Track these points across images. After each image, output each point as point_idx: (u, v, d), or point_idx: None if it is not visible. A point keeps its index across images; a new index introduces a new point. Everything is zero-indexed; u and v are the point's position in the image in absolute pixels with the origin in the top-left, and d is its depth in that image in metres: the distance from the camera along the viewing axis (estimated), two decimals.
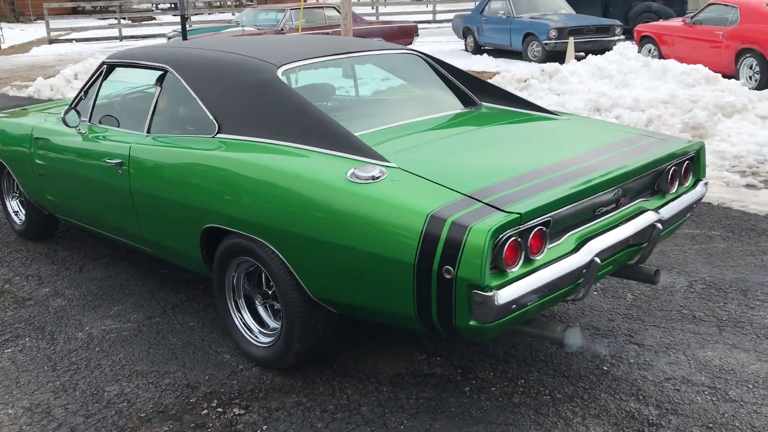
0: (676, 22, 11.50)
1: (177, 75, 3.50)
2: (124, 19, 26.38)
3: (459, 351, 3.25)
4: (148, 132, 3.62)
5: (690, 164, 3.25)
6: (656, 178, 3.08)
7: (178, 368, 3.21)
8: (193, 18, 26.33)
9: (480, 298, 2.29)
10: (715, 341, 3.28)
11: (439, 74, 3.85)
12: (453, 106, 3.69)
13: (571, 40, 11.22)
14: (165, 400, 2.97)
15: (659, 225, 2.91)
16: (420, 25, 16.81)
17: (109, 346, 3.44)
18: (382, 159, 2.76)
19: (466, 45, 16.01)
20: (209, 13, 31.78)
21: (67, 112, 3.96)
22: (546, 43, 13.01)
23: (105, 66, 4.06)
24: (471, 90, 3.82)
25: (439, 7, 28.93)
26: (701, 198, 3.32)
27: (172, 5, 37.80)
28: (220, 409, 2.88)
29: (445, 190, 2.52)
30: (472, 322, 2.37)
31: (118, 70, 4.08)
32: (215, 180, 3.07)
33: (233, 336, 3.28)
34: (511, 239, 2.34)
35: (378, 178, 2.63)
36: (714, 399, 2.83)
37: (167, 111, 3.68)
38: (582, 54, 11.61)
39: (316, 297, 2.84)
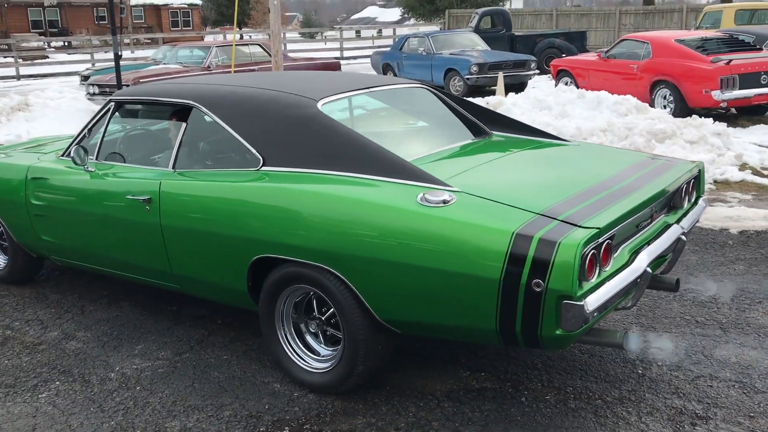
0: (591, 56, 12.33)
1: (207, 111, 3.54)
2: (15, 58, 25.18)
3: (500, 365, 3.43)
4: (174, 167, 3.62)
5: (695, 182, 3.60)
6: (673, 195, 3.40)
7: (233, 400, 3.22)
8: (97, 56, 25.58)
9: (571, 308, 2.48)
10: (725, 341, 3.61)
11: (449, 106, 4.08)
12: (470, 134, 3.91)
13: (500, 75, 11.81)
14: (232, 431, 2.98)
15: (683, 237, 3.22)
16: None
17: (150, 384, 3.40)
18: (443, 184, 2.93)
19: None
20: (105, 51, 30.93)
21: (72, 150, 3.91)
22: (468, 78, 13.58)
23: (113, 103, 4.04)
24: (480, 119, 4.07)
25: (331, 45, 29.63)
26: (703, 211, 3.68)
27: (66, 43, 36.65)
28: None
29: (518, 211, 2.71)
30: (558, 332, 2.55)
31: (125, 107, 4.07)
32: (269, 210, 3.12)
33: (284, 365, 3.32)
34: (591, 252, 2.56)
35: (448, 201, 2.80)
36: (746, 392, 3.13)
37: (196, 146, 3.71)
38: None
39: (382, 318, 2.95)
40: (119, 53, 9.79)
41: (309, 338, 3.32)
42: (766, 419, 2.92)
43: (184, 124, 3.68)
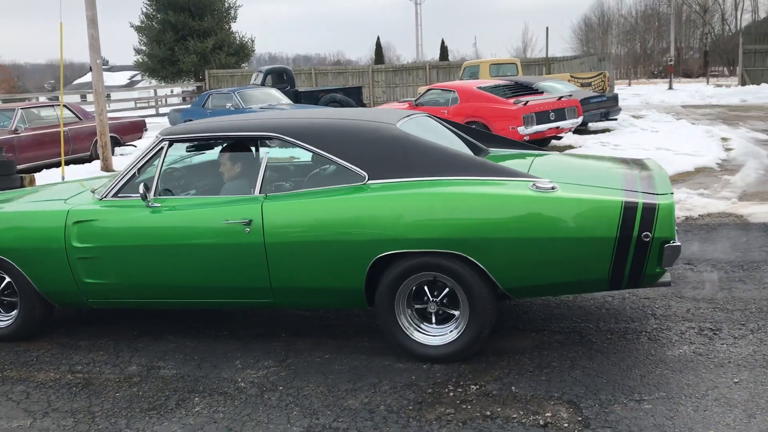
0: (401, 105, 13.85)
1: (295, 141, 4.02)
2: None
3: (554, 325, 4.34)
4: (261, 191, 4.02)
5: None
6: None
7: (380, 380, 3.72)
8: None
9: (672, 248, 3.51)
10: (683, 287, 4.91)
11: (450, 129, 4.96)
12: (473, 151, 4.82)
13: None
14: (407, 396, 3.51)
15: None
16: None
17: (288, 383, 3.74)
18: (536, 177, 3.82)
19: None
20: None
21: (139, 188, 4.09)
22: None
23: (165, 142, 4.27)
24: (476, 139, 5.01)
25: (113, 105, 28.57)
26: None
27: None
28: (459, 390, 3.55)
29: (609, 189, 3.69)
30: (657, 269, 3.57)
31: (180, 144, 4.34)
32: (392, 213, 3.71)
33: (408, 347, 3.88)
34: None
35: (555, 187, 3.69)
36: (725, 311, 4.40)
37: (283, 171, 4.14)
38: None
39: (505, 288, 3.73)
40: None
41: (420, 321, 3.94)
42: (755, 323, 4.19)
43: (265, 154, 4.11)
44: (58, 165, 12.76)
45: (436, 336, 3.90)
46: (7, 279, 4.52)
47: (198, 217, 4.05)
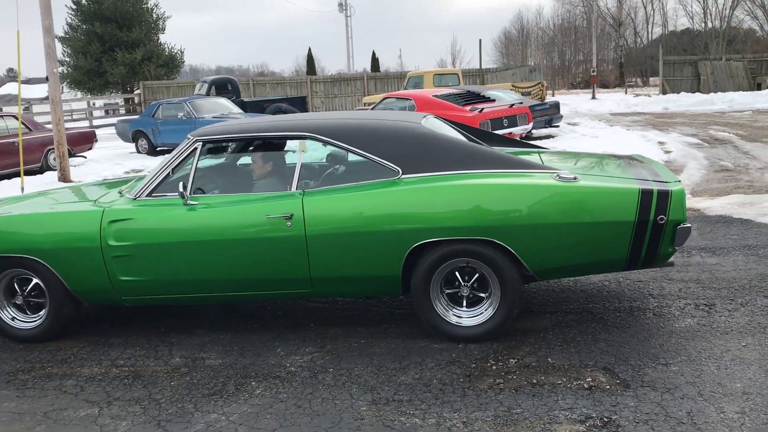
0: None
1: (329, 139, 4.29)
2: None
3: (563, 306, 4.73)
4: (297, 188, 4.26)
5: None
6: None
7: (423, 359, 4.00)
8: None
9: (684, 229, 3.94)
10: (669, 271, 5.39)
11: (454, 128, 5.31)
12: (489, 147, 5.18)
13: None
14: (454, 371, 3.80)
15: None
16: None
17: (336, 365, 3.98)
18: (557, 169, 4.19)
19: (138, 147, 16.37)
20: None
21: (179, 187, 4.24)
22: None
23: (199, 143, 4.45)
24: (477, 137, 5.37)
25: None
26: None
27: None
28: (500, 363, 3.87)
29: (624, 179, 4.11)
30: (670, 249, 3.99)
31: (213, 144, 4.52)
32: (429, 204, 4.01)
33: (442, 328, 4.18)
34: None
35: (576, 178, 4.07)
36: (713, 288, 4.89)
37: (317, 168, 4.37)
38: None
39: (533, 270, 4.08)
40: None
41: (453, 305, 4.24)
42: (742, 298, 4.69)
43: (301, 152, 4.35)
44: (9, 177, 12.49)
45: (470, 318, 4.21)
46: (35, 280, 4.58)
47: (239, 213, 4.24)
